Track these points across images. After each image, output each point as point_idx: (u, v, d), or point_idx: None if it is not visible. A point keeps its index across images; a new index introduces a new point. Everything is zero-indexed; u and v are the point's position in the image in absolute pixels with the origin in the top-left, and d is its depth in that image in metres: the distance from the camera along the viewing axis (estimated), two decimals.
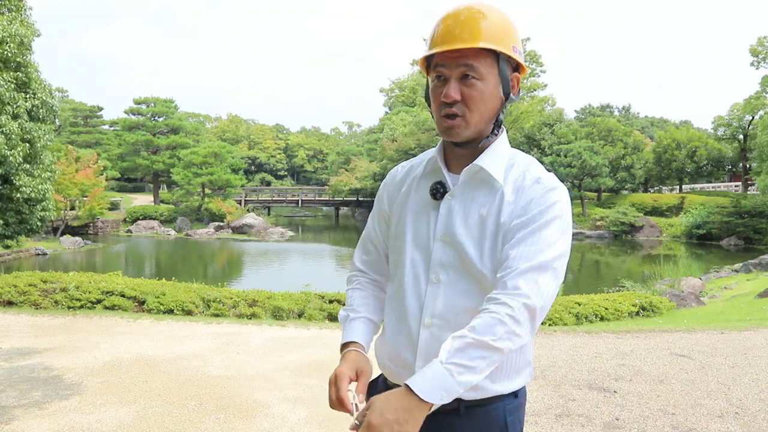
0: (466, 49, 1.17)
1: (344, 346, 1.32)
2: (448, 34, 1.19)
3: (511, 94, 1.24)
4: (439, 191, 1.26)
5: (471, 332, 1.07)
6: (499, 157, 1.25)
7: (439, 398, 1.04)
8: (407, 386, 1.05)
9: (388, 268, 1.41)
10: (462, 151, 1.26)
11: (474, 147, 1.24)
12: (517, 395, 1.29)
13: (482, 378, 1.08)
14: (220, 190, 33.44)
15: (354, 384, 1.23)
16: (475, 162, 1.23)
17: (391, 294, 1.36)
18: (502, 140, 1.28)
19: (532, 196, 1.19)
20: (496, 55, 1.20)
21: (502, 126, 1.28)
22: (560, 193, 1.21)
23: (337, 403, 1.20)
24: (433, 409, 1.07)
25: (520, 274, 1.12)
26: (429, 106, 1.28)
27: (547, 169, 1.26)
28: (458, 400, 1.22)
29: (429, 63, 1.26)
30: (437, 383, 1.04)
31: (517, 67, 1.25)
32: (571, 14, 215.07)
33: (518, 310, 1.09)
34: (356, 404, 1.18)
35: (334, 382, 1.21)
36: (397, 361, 1.30)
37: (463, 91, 1.19)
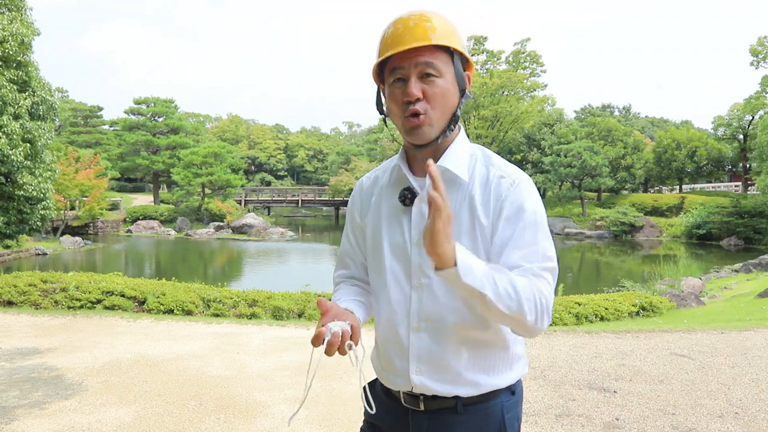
0: (422, 48, 1.19)
1: None
2: (401, 36, 1.20)
3: (466, 90, 1.26)
4: (407, 197, 1.27)
5: (510, 275, 1.10)
6: (461, 155, 1.27)
7: (467, 274, 1.04)
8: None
9: (367, 276, 1.42)
10: (424, 152, 1.27)
11: (435, 146, 1.25)
12: (514, 392, 1.30)
13: (487, 295, 1.06)
14: (220, 190, 33.43)
15: (338, 324, 1.15)
16: (438, 164, 1.24)
17: (377, 305, 1.35)
18: (460, 136, 1.29)
19: (502, 193, 1.21)
20: (450, 53, 1.23)
21: (459, 122, 1.29)
22: (526, 186, 1.23)
23: (316, 337, 1.13)
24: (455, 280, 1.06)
25: (539, 273, 1.15)
26: (382, 113, 1.30)
27: (547, 170, 1.27)
28: (456, 399, 1.24)
29: (381, 72, 1.27)
30: (474, 269, 1.05)
31: (465, 67, 1.28)
32: (572, 15, 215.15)
33: (546, 275, 1.15)
34: (353, 350, 1.15)
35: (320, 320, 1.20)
36: (390, 369, 1.31)
37: (425, 89, 1.20)
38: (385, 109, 1.30)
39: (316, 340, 1.11)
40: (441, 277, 1.07)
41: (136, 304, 7.10)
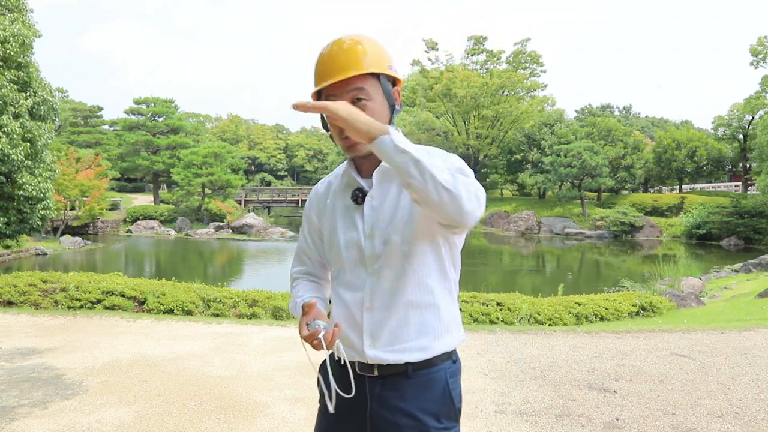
0: (354, 76, 1.36)
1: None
2: (334, 65, 1.37)
3: (396, 105, 1.44)
4: (359, 196, 1.45)
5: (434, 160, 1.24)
6: None
7: (388, 140, 1.19)
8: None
9: (323, 272, 1.63)
10: (369, 159, 1.44)
11: (374, 155, 1.37)
12: (455, 361, 1.50)
13: (421, 160, 1.18)
14: (220, 190, 33.42)
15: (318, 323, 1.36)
16: (382, 163, 1.40)
17: (335, 293, 1.52)
18: None
19: None
20: (377, 76, 1.40)
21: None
22: (455, 158, 1.38)
23: (310, 335, 1.34)
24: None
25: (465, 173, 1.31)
26: (327, 131, 1.45)
27: (547, 170, 1.31)
28: (407, 364, 1.42)
29: (320, 94, 1.43)
30: (401, 135, 1.24)
31: (394, 82, 1.45)
32: (572, 15, 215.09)
33: (464, 180, 1.26)
34: (340, 347, 1.40)
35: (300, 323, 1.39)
36: (346, 344, 1.47)
37: None
38: (329, 128, 1.43)
39: (310, 338, 1.32)
40: (376, 149, 1.21)
41: (136, 304, 7.10)
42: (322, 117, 1.44)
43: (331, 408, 1.43)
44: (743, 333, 6.16)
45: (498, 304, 7.09)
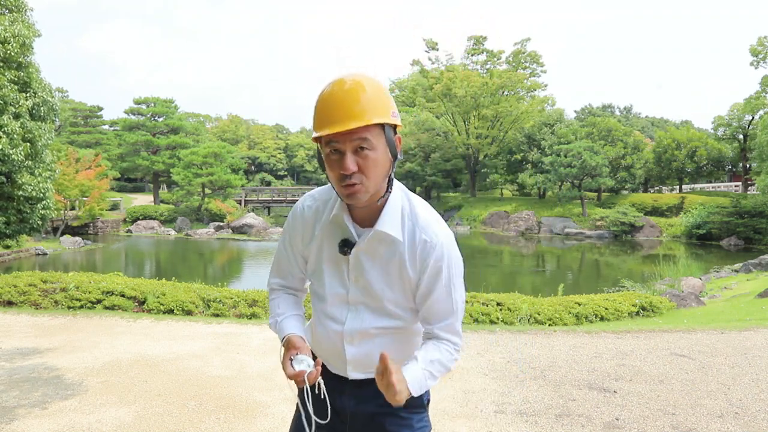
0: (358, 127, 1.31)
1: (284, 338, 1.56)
2: (338, 112, 1.31)
3: (398, 155, 1.42)
4: (346, 251, 1.46)
5: (437, 356, 1.48)
6: (395, 215, 1.44)
7: (418, 391, 1.42)
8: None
9: (301, 284, 1.68)
10: (362, 210, 1.45)
11: (373, 204, 1.43)
12: None
13: (432, 384, 1.49)
14: (220, 190, 33.41)
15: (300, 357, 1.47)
16: (375, 229, 1.42)
17: (318, 320, 1.59)
18: (394, 196, 1.46)
19: (424, 257, 1.44)
20: (381, 125, 1.36)
21: (393, 182, 1.46)
22: (444, 248, 1.44)
23: (296, 375, 1.43)
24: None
25: (448, 327, 1.50)
26: (323, 168, 1.43)
27: (547, 170, 1.31)
28: None
29: (319, 137, 1.39)
30: (420, 383, 1.42)
31: (395, 128, 1.42)
32: (572, 15, 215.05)
33: (457, 347, 1.53)
34: (321, 385, 1.50)
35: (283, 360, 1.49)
36: (329, 362, 1.59)
37: (359, 162, 1.34)
38: (326, 169, 1.42)
39: (296, 378, 1.42)
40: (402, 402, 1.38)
41: (136, 304, 7.10)
42: (318, 153, 1.43)
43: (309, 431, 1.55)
44: (743, 333, 6.16)
45: (498, 304, 7.09)
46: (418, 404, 1.58)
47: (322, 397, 1.50)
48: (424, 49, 41.72)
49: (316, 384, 1.46)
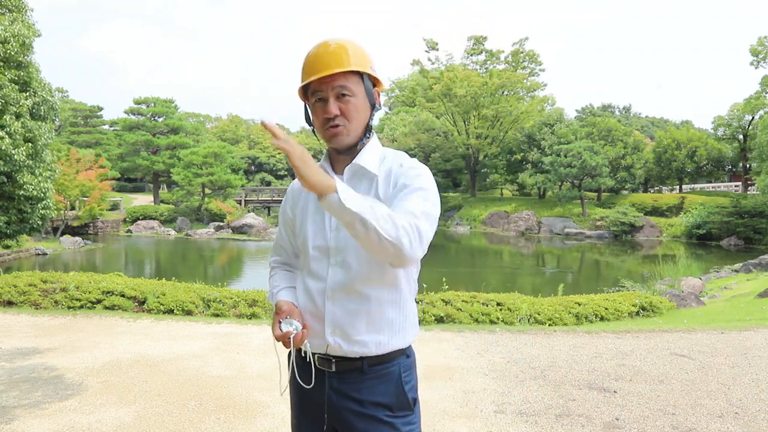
0: (339, 73, 1.46)
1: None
2: (321, 63, 1.47)
3: (376, 104, 1.54)
4: None
5: (388, 210, 1.33)
6: (373, 154, 1.55)
7: (336, 192, 1.25)
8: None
9: (297, 261, 1.70)
10: (344, 156, 1.55)
11: (353, 150, 1.53)
12: (409, 356, 1.60)
13: (366, 218, 1.26)
14: (220, 190, 33.42)
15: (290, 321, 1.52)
16: (353, 161, 1.53)
17: (301, 281, 1.62)
18: (373, 141, 1.57)
19: (398, 175, 1.49)
20: (361, 75, 1.50)
21: (372, 131, 1.57)
22: (422, 170, 1.50)
23: (283, 336, 1.49)
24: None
25: (417, 214, 1.37)
26: (310, 125, 1.56)
27: (547, 170, 1.31)
28: (362, 359, 1.52)
29: (306, 90, 1.53)
30: (351, 194, 1.28)
31: (374, 83, 1.55)
32: (572, 15, 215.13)
33: (413, 227, 1.33)
34: (307, 346, 1.54)
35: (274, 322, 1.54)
36: (310, 332, 1.57)
37: (341, 107, 1.48)
38: (312, 121, 1.54)
39: (282, 338, 1.47)
40: (324, 206, 1.28)
41: (136, 304, 7.10)
42: (305, 110, 1.56)
43: (281, 390, 1.63)
44: (743, 333, 6.16)
45: (498, 304, 7.09)
46: (404, 405, 1.54)
47: (308, 360, 1.55)
48: (424, 49, 41.74)
49: (302, 348, 1.50)
